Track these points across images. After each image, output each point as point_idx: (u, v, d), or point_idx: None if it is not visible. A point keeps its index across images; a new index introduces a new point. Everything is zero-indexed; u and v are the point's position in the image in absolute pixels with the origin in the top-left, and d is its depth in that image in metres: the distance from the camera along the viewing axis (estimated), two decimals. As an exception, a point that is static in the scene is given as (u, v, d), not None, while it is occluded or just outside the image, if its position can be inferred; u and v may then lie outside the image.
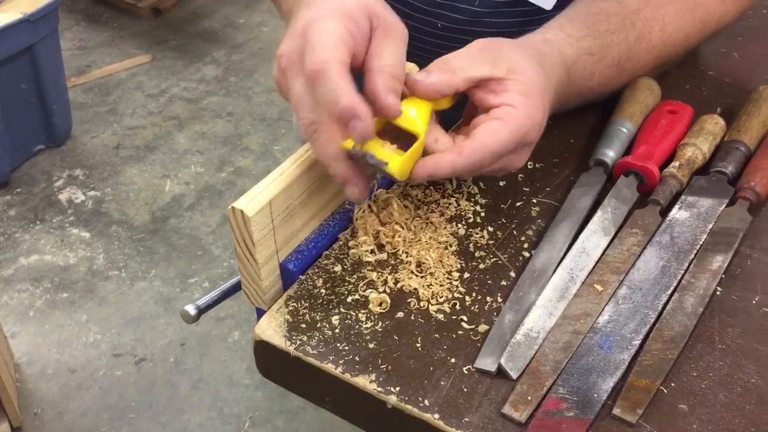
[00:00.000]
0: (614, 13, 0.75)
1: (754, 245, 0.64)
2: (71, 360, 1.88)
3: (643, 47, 0.75)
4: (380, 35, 0.59)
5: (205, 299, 0.65)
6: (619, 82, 0.76)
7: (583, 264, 0.62)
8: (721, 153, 0.71)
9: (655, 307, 0.58)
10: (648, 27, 0.75)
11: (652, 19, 0.75)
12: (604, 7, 0.75)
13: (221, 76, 2.90)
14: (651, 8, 0.76)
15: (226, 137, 2.60)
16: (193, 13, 3.27)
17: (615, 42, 0.73)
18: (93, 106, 2.73)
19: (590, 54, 0.72)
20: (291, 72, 0.58)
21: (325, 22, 0.57)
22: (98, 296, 2.05)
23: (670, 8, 0.76)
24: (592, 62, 0.72)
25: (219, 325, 1.97)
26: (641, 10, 0.75)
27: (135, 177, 2.44)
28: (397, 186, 0.70)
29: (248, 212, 0.57)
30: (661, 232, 0.64)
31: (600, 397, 0.53)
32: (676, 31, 0.77)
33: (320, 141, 0.58)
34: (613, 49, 0.73)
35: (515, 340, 0.56)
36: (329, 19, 0.57)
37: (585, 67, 0.71)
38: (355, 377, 0.55)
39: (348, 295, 0.61)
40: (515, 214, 0.68)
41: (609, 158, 0.71)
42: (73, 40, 3.08)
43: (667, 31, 0.76)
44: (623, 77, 0.76)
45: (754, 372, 0.54)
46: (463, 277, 0.62)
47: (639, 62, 0.76)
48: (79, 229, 2.25)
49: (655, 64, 0.78)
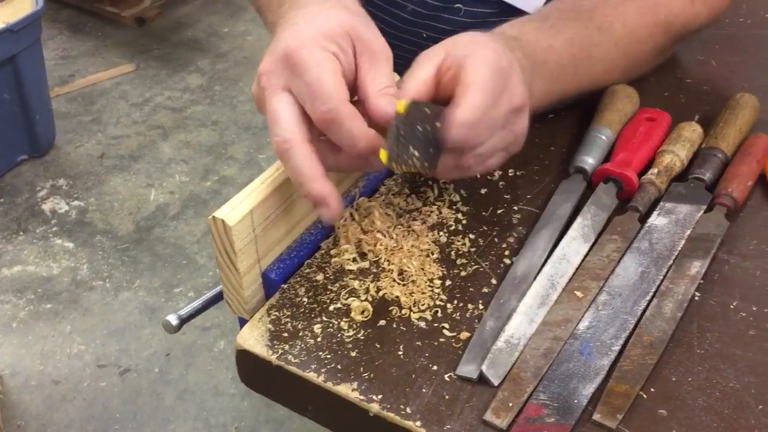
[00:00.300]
0: (567, 9, 0.76)
1: (731, 251, 0.65)
2: (55, 371, 1.87)
3: (607, 38, 0.76)
4: (367, 60, 0.59)
5: (187, 309, 0.65)
6: (592, 71, 0.76)
7: (564, 270, 0.63)
8: (699, 160, 0.71)
9: (634, 312, 0.59)
10: (608, 22, 0.76)
11: (611, 15, 0.76)
12: (557, 6, 0.77)
13: (206, 85, 2.89)
14: (609, 6, 0.77)
15: (211, 146, 2.60)
16: (177, 22, 3.27)
17: (569, 25, 0.74)
18: (77, 116, 2.72)
19: (539, 29, 0.72)
20: (269, 91, 0.58)
21: (310, 50, 0.57)
22: (82, 307, 2.03)
23: (630, 6, 0.77)
24: (545, 36, 0.71)
25: (204, 334, 1.96)
26: (597, 7, 0.76)
27: (119, 186, 2.43)
28: (378, 194, 0.70)
29: (229, 222, 0.57)
30: (640, 239, 0.65)
31: (580, 403, 0.53)
32: (638, 28, 0.77)
33: (293, 160, 0.57)
34: (568, 29, 0.73)
35: (496, 347, 0.57)
36: (313, 47, 0.57)
37: (537, 39, 0.71)
38: (337, 386, 0.55)
39: (330, 304, 0.61)
40: (496, 222, 0.69)
41: (588, 165, 0.71)
42: (56, 50, 3.06)
43: (629, 28, 0.77)
44: (595, 66, 0.76)
45: (732, 376, 0.55)
46: (445, 285, 0.63)
47: (608, 53, 0.76)
48: (63, 239, 2.24)
49: (627, 63, 0.78)
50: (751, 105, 0.76)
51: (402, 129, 0.56)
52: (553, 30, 0.73)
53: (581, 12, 0.76)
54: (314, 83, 0.56)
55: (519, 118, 0.62)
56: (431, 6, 0.86)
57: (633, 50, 0.78)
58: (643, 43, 0.79)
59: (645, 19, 0.78)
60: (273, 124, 0.58)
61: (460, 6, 0.84)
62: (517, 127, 0.62)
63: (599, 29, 0.75)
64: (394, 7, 0.88)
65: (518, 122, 0.62)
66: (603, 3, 0.77)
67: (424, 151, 0.57)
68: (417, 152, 0.57)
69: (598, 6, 0.76)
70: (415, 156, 0.57)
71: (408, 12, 0.88)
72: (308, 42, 0.57)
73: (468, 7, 0.84)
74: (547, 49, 0.71)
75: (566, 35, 0.73)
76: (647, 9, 0.78)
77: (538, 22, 0.73)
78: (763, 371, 0.55)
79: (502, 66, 0.59)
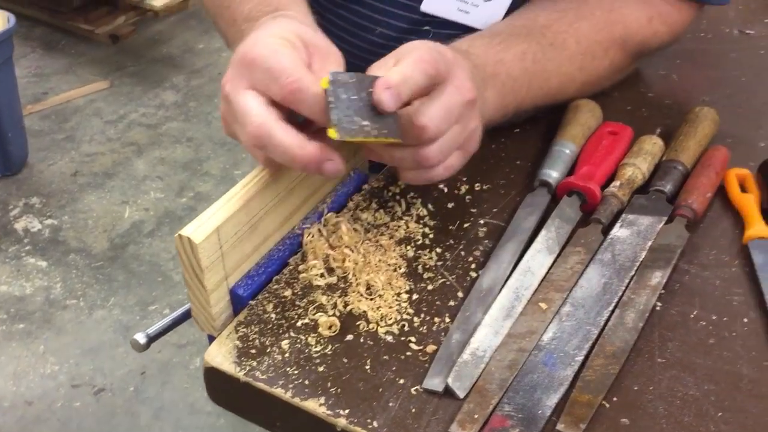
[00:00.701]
0: (520, 26, 0.78)
1: (692, 260, 0.66)
2: (28, 392, 1.85)
3: (560, 54, 0.77)
4: (319, 60, 0.60)
5: (155, 327, 0.65)
6: (548, 85, 0.78)
7: (528, 283, 0.64)
8: (660, 172, 0.73)
9: (597, 323, 0.60)
10: (561, 38, 0.78)
11: (565, 32, 0.78)
12: (511, 23, 0.79)
13: (180, 101, 2.89)
14: (563, 23, 0.79)
15: (186, 162, 2.59)
16: (152, 39, 3.26)
17: (520, 41, 0.76)
18: (50, 134, 2.70)
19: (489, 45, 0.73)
20: (233, 93, 0.59)
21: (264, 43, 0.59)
22: (56, 326, 2.01)
23: (585, 23, 0.79)
24: (495, 51, 0.73)
25: (180, 352, 1.95)
26: (551, 24, 0.78)
27: (93, 204, 2.41)
28: (346, 210, 0.71)
29: (195, 239, 0.57)
30: (603, 250, 0.66)
31: (544, 414, 0.54)
32: (593, 44, 0.79)
33: (275, 138, 0.57)
34: (519, 44, 0.75)
35: (462, 360, 0.58)
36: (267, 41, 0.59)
37: (486, 53, 0.72)
38: (304, 401, 0.56)
39: (298, 319, 0.62)
40: (463, 235, 0.70)
41: (553, 179, 0.72)
42: (29, 68, 3.05)
43: (584, 44, 0.79)
44: (550, 80, 0.77)
45: (692, 384, 0.56)
46: (412, 299, 0.63)
47: (562, 67, 0.78)
48: (36, 258, 2.21)
49: (584, 78, 0.80)
50: (710, 118, 0.78)
51: (331, 98, 0.57)
52: (504, 45, 0.74)
53: (534, 29, 0.78)
54: (273, 65, 0.57)
55: (471, 112, 0.63)
56: (400, 29, 0.87)
57: (588, 66, 0.80)
58: (599, 58, 0.80)
59: (600, 36, 0.79)
60: (243, 117, 0.58)
61: (428, 29, 0.85)
62: (470, 122, 0.64)
63: (552, 45, 0.77)
64: (363, 31, 0.88)
65: (471, 117, 0.63)
66: (557, 20, 0.78)
67: (370, 118, 0.58)
68: (365, 121, 0.58)
69: (551, 23, 0.78)
70: (365, 125, 0.58)
71: (377, 35, 0.88)
72: (261, 40, 0.59)
73: (436, 29, 0.85)
74: (498, 62, 0.73)
75: (517, 49, 0.75)
76: (603, 26, 0.80)
77: (488, 38, 0.75)
78: (723, 379, 0.56)
79: (441, 52, 0.61)
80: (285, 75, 0.57)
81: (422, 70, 0.59)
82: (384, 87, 0.57)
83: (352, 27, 0.89)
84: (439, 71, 0.60)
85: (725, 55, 0.97)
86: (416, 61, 0.59)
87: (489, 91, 0.71)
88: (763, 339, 0.60)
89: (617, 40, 0.80)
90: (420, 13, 0.85)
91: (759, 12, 1.07)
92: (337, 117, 0.57)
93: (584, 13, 0.80)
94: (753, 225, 0.68)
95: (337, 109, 0.57)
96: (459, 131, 0.63)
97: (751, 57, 0.96)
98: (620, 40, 0.81)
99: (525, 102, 0.76)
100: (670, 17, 0.84)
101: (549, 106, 0.80)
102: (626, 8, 0.81)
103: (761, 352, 0.59)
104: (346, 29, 0.90)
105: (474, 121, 0.64)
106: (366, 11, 0.87)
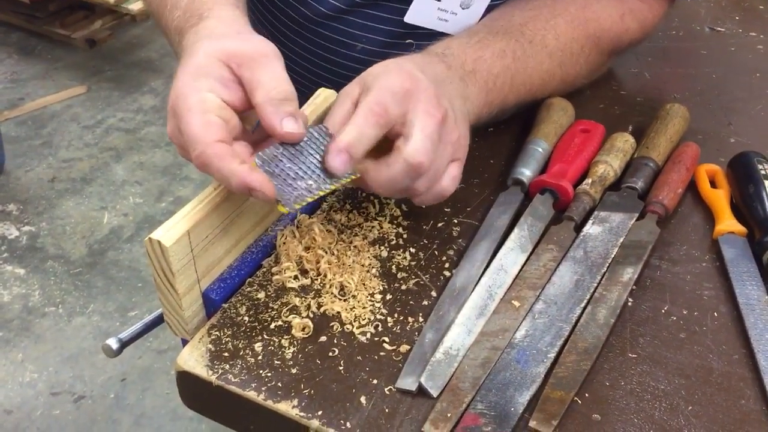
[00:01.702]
0: (498, 26, 0.78)
1: (663, 256, 0.67)
2: (7, 401, 1.82)
3: (541, 51, 0.78)
4: (247, 70, 0.59)
5: (127, 332, 0.65)
6: (530, 81, 0.78)
7: (501, 281, 0.64)
8: (632, 169, 0.74)
9: (569, 320, 0.60)
10: (540, 35, 0.78)
11: (543, 29, 0.79)
12: (487, 23, 0.79)
13: (159, 105, 2.87)
14: (540, 21, 0.79)
15: (166, 167, 2.58)
16: (129, 43, 3.24)
17: (499, 39, 0.76)
18: (27, 140, 2.68)
19: (466, 44, 0.74)
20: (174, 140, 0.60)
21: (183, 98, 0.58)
22: (34, 334, 1.99)
23: (561, 20, 0.80)
24: (473, 49, 0.73)
25: (160, 357, 1.94)
26: (527, 23, 0.79)
27: (71, 210, 2.39)
28: (320, 211, 0.71)
29: (166, 242, 0.57)
30: (576, 247, 0.67)
31: (517, 411, 0.54)
32: (570, 41, 0.80)
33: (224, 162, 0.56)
34: (498, 42, 0.75)
35: (435, 359, 0.58)
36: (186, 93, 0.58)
37: (464, 51, 0.73)
38: (277, 403, 0.55)
39: (271, 322, 0.62)
40: (437, 235, 0.70)
41: (525, 177, 0.73)
42: (5, 73, 3.02)
43: (562, 41, 0.79)
44: (532, 76, 0.78)
45: (663, 378, 0.56)
46: (386, 299, 0.63)
47: (543, 64, 0.78)
48: (14, 265, 2.19)
49: (563, 74, 0.80)
50: (681, 115, 0.78)
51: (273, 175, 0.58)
52: (481, 44, 0.75)
53: (511, 27, 0.78)
54: (185, 130, 0.57)
55: (446, 126, 0.63)
56: (382, 43, 0.86)
57: (567, 62, 0.80)
58: (576, 54, 0.81)
59: (576, 33, 0.80)
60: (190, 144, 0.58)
61: (411, 41, 0.85)
62: (450, 135, 0.63)
63: (531, 43, 0.77)
64: (345, 48, 0.88)
65: (448, 131, 0.63)
66: (533, 18, 0.79)
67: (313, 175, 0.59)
68: (310, 182, 0.59)
69: (528, 22, 0.78)
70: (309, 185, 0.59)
71: (358, 51, 0.88)
72: (182, 89, 0.58)
73: (418, 41, 0.85)
74: (477, 60, 0.73)
75: (496, 47, 0.75)
76: (578, 23, 0.80)
77: (465, 38, 0.75)
78: (693, 373, 0.57)
79: (401, 87, 0.61)
80: (193, 146, 0.57)
81: (374, 124, 0.59)
82: (335, 152, 0.58)
83: (334, 45, 0.88)
84: (391, 115, 0.60)
85: (696, 52, 0.98)
86: (366, 115, 0.59)
87: (470, 87, 0.71)
88: (733, 333, 0.60)
89: (591, 36, 0.81)
90: (402, 26, 0.84)
91: (729, 9, 1.08)
92: (278, 192, 0.57)
93: (558, 10, 0.81)
94: (723, 220, 0.69)
95: (276, 185, 0.57)
96: (442, 149, 0.63)
97: (721, 54, 0.97)
98: (594, 37, 0.81)
99: (509, 99, 0.77)
100: (641, 13, 0.85)
101: (530, 103, 0.80)
102: (598, 5, 0.82)
103: (731, 346, 0.59)
104: (327, 47, 0.89)
105: (453, 132, 0.64)
106: (347, 28, 0.87)
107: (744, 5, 1.09)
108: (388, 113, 0.60)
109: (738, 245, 0.67)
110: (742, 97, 0.89)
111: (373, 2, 0.84)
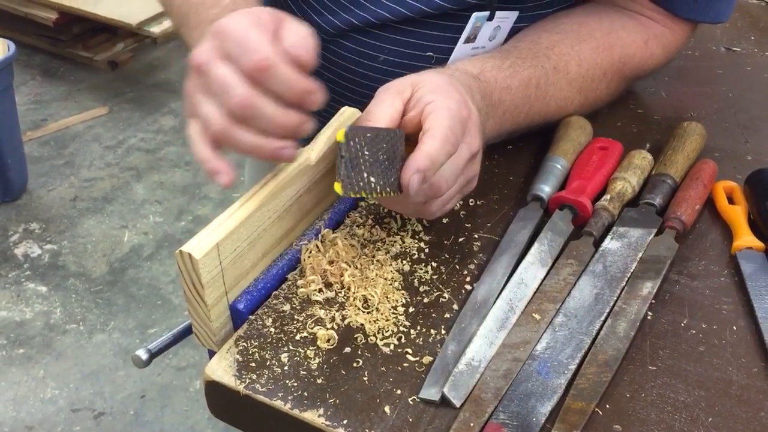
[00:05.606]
0: (526, 48, 0.80)
1: (681, 271, 0.68)
2: (28, 417, 1.84)
3: (563, 78, 0.79)
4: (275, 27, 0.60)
5: (156, 343, 0.66)
6: (546, 109, 0.80)
7: (522, 294, 0.65)
8: (650, 186, 0.75)
9: (589, 332, 0.61)
10: (563, 61, 0.80)
11: (567, 54, 0.80)
12: (516, 44, 0.81)
13: (179, 126, 2.91)
14: (565, 45, 0.81)
15: (185, 186, 2.61)
16: (150, 65, 3.30)
17: (527, 65, 0.78)
18: (49, 159, 2.72)
19: (499, 69, 0.76)
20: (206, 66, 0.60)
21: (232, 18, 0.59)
22: (56, 351, 2.02)
23: (586, 46, 0.81)
24: (504, 76, 0.75)
25: (180, 374, 1.95)
26: (554, 46, 0.80)
27: (92, 229, 2.43)
28: (343, 226, 0.73)
29: (196, 255, 0.58)
30: (595, 262, 0.68)
31: (539, 421, 0.55)
32: (593, 67, 0.81)
33: (267, 111, 0.57)
34: (526, 69, 0.77)
35: (458, 370, 0.59)
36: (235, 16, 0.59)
37: (496, 79, 0.75)
38: (303, 412, 0.57)
39: (297, 333, 0.63)
40: (458, 250, 0.71)
41: (545, 193, 0.74)
42: (29, 95, 3.07)
43: (585, 67, 0.81)
44: (549, 104, 0.80)
45: (683, 390, 0.57)
46: (408, 312, 0.65)
47: (562, 91, 0.80)
48: (36, 283, 2.22)
49: (582, 100, 0.82)
50: (698, 133, 0.80)
51: (347, 155, 0.59)
52: (512, 69, 0.76)
53: (539, 51, 0.79)
54: (243, 39, 0.58)
55: (474, 163, 0.67)
56: (403, 54, 0.88)
57: (587, 88, 0.82)
58: (598, 81, 0.82)
59: (600, 58, 0.81)
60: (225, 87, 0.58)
61: (431, 54, 0.87)
62: (471, 171, 0.67)
63: (555, 69, 0.79)
64: (368, 59, 0.90)
65: (473, 167, 0.67)
66: (559, 43, 0.80)
67: (376, 174, 0.60)
68: (372, 177, 0.60)
69: (554, 45, 0.80)
70: (371, 181, 0.60)
71: (380, 62, 0.90)
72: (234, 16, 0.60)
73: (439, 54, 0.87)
74: (505, 89, 0.75)
75: (523, 75, 0.77)
76: (603, 49, 0.82)
77: (499, 60, 0.77)
78: (713, 385, 0.58)
79: (462, 116, 0.64)
80: (255, 51, 0.57)
81: (447, 153, 0.62)
82: (413, 170, 0.60)
83: (356, 56, 0.90)
84: (457, 144, 0.63)
85: (712, 72, 0.99)
86: (443, 143, 0.61)
87: (490, 120, 0.74)
88: (752, 346, 0.61)
89: (616, 62, 0.83)
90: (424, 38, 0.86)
91: (745, 29, 1.09)
92: (345, 173, 0.59)
93: (583, 35, 0.82)
94: (741, 236, 0.70)
95: (346, 166, 0.59)
96: (462, 181, 0.66)
97: (737, 73, 0.99)
98: (619, 63, 0.83)
99: (521, 125, 0.79)
100: (665, 38, 0.86)
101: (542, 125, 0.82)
102: (623, 30, 0.83)
103: (750, 359, 0.60)
104: (350, 58, 0.91)
105: (475, 168, 0.67)
106: (369, 40, 0.89)
107: (759, 26, 1.11)
108: (457, 142, 0.63)
109: (756, 260, 0.67)
110: (759, 115, 0.90)
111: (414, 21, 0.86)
